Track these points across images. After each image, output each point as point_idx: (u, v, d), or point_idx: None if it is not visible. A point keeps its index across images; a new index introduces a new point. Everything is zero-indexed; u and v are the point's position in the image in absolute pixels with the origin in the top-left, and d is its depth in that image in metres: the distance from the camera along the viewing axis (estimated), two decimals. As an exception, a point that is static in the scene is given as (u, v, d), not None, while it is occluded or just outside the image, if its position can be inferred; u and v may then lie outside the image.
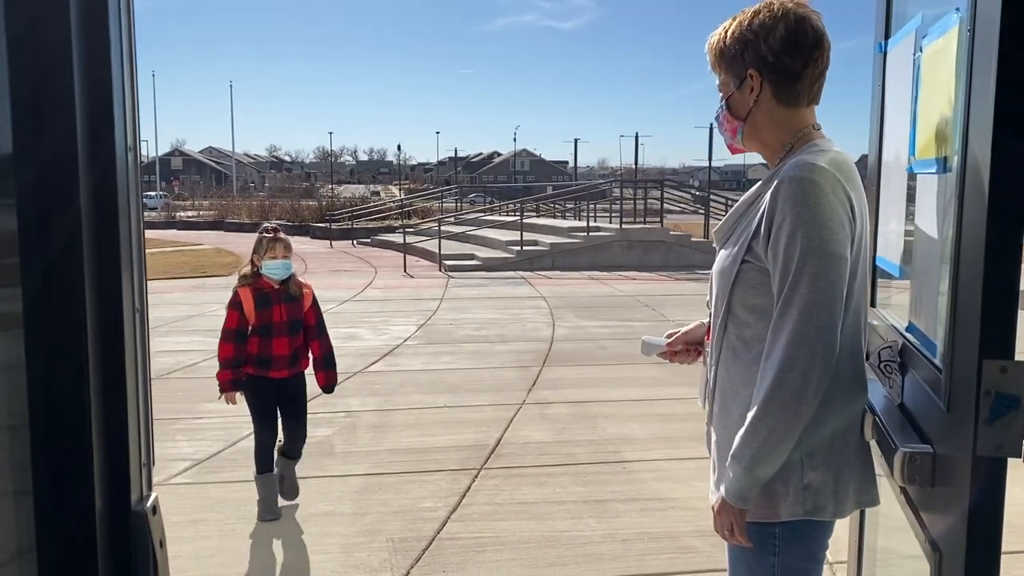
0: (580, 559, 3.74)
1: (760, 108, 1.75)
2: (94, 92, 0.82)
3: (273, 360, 4.17)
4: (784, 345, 1.57)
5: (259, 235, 4.17)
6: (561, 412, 6.26)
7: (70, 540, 0.85)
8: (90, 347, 0.82)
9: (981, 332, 1.21)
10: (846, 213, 1.61)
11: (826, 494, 1.68)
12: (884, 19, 2.04)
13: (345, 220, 28.08)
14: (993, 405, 1.21)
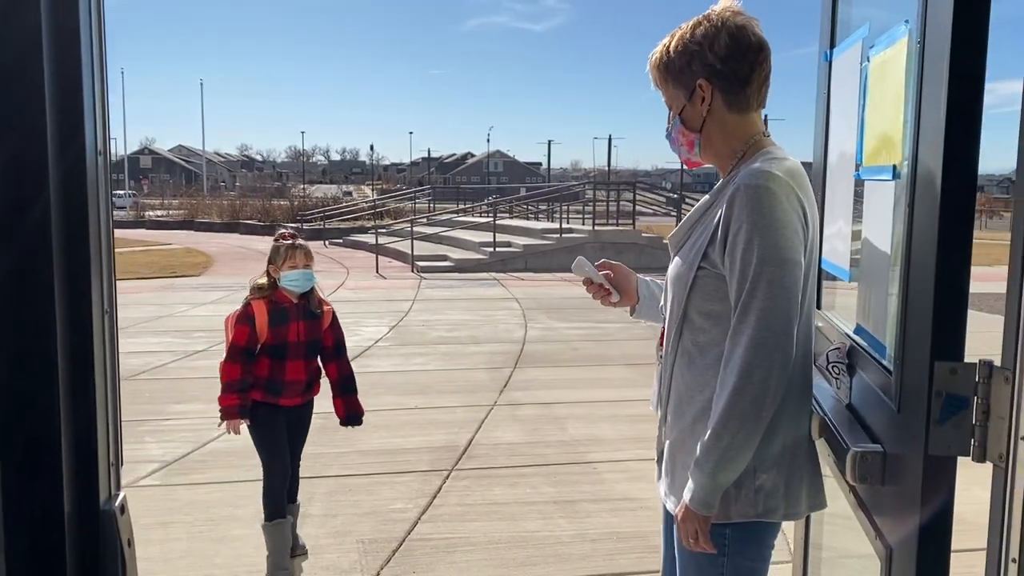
0: (550, 559, 3.77)
1: (713, 117, 1.77)
2: (64, 97, 0.83)
3: (286, 386, 3.55)
4: (743, 352, 1.59)
5: (275, 242, 3.59)
6: (532, 413, 6.29)
7: (39, 539, 0.86)
8: (59, 349, 0.83)
9: (932, 335, 1.25)
10: (800, 220, 1.64)
11: (777, 497, 1.71)
12: (830, 28, 2.10)
13: (317, 220, 27.91)
14: (944, 406, 1.25)
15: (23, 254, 0.81)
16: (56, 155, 0.82)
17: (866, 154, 1.72)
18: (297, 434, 3.70)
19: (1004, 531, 1.18)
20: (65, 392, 0.85)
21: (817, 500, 1.79)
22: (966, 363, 1.24)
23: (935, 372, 1.25)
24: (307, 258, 3.56)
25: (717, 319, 1.71)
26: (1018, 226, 1.15)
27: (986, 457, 1.23)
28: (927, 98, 1.30)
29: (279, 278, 3.51)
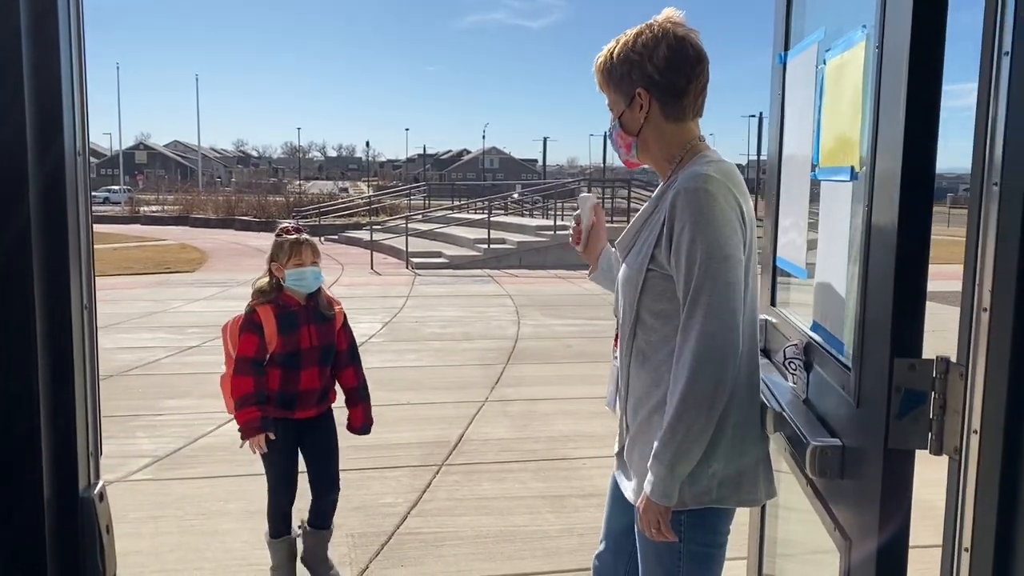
0: (538, 553, 3.81)
1: (650, 124, 1.85)
2: (43, 97, 0.86)
3: (299, 397, 3.25)
4: (693, 347, 1.67)
5: (278, 237, 3.25)
6: (523, 409, 6.33)
7: (19, 525, 0.89)
8: (39, 342, 0.87)
9: (892, 332, 1.29)
10: (737, 219, 1.72)
11: (730, 484, 1.79)
12: (784, 32, 2.14)
13: (313, 217, 27.91)
14: (903, 401, 1.29)
15: (3, 252, 0.84)
16: (36, 156, 0.85)
17: (823, 155, 1.76)
18: (320, 449, 3.39)
19: (957, 522, 1.22)
20: (45, 385, 0.88)
21: (769, 489, 1.87)
22: (924, 360, 1.28)
23: (895, 368, 1.29)
24: (314, 254, 3.23)
25: (667, 318, 1.78)
26: (971, 228, 1.19)
27: (942, 450, 1.27)
28: (885, 100, 1.34)
29: (283, 278, 3.20)
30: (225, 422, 5.89)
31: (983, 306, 1.17)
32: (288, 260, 3.19)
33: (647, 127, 1.86)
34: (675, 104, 1.83)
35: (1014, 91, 1.13)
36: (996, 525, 1.15)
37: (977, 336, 1.19)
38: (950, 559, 1.23)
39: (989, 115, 1.17)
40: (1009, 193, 1.13)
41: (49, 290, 0.87)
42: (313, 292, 3.27)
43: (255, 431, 3.12)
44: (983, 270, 1.17)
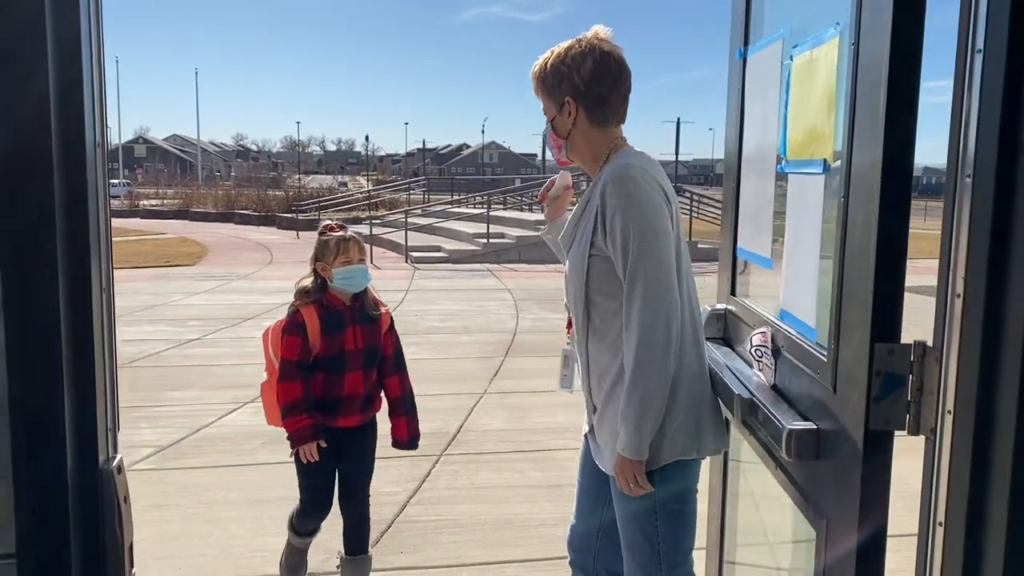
0: (534, 540, 3.88)
1: (577, 128, 2.09)
2: (65, 94, 0.92)
3: (343, 403, 3.07)
4: (638, 315, 1.90)
5: (322, 236, 3.09)
6: (521, 401, 6.40)
7: (46, 496, 0.95)
8: (63, 325, 0.92)
9: (872, 318, 1.35)
10: (661, 197, 1.96)
11: (691, 436, 2.00)
12: (743, 28, 2.20)
13: (312, 211, 27.94)
14: (883, 384, 1.35)
15: (30, 239, 0.90)
16: (59, 148, 0.91)
17: (790, 148, 1.82)
18: (357, 463, 3.21)
19: (932, 497, 1.28)
20: (68, 364, 0.94)
21: (723, 441, 2.12)
22: (903, 344, 1.34)
23: (875, 353, 1.35)
24: (361, 252, 3.09)
25: (613, 295, 1.99)
26: (946, 219, 1.25)
27: (919, 430, 1.33)
28: (863, 94, 1.39)
29: (331, 277, 3.04)
30: (226, 413, 5.96)
31: (956, 292, 1.23)
32: (335, 258, 3.03)
33: (575, 131, 2.09)
34: (598, 111, 2.06)
35: (986, 88, 1.19)
36: (968, 500, 1.21)
37: (951, 321, 1.25)
38: (926, 533, 1.29)
39: (963, 110, 1.23)
40: (980, 185, 1.19)
41: (71, 272, 0.93)
42: (359, 292, 3.12)
43: (307, 439, 2.97)
44: (956, 259, 1.23)
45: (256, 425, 5.73)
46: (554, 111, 2.11)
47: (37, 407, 0.93)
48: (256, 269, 15.84)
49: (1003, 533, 1.20)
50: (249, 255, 18.51)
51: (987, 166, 1.18)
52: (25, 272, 0.90)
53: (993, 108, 1.18)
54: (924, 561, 1.30)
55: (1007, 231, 1.17)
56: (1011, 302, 1.17)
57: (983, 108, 1.19)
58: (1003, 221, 1.17)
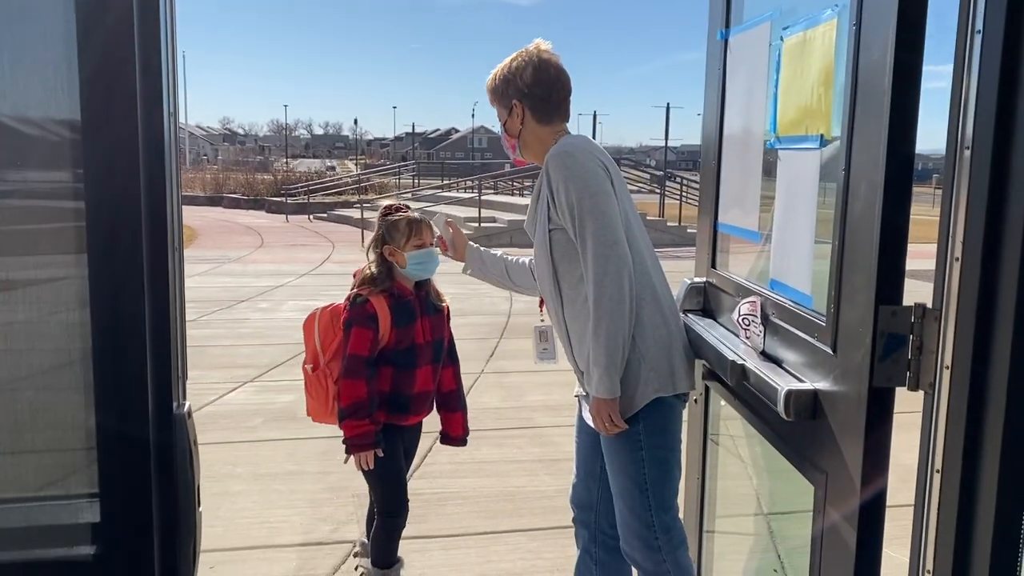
0: (536, 511, 3.99)
1: (526, 127, 2.37)
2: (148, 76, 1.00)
3: (413, 400, 2.87)
4: (592, 268, 2.12)
5: (387, 217, 2.85)
6: (518, 380, 6.50)
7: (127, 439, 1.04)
8: (145, 277, 1.01)
9: (877, 282, 1.44)
10: (598, 164, 2.19)
11: (664, 375, 2.18)
12: (724, 11, 2.30)
13: (301, 195, 27.89)
14: (886, 344, 1.44)
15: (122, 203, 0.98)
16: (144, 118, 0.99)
17: (781, 125, 1.91)
18: (409, 463, 3.07)
19: (930, 446, 1.38)
20: (149, 318, 1.02)
21: (691, 379, 2.30)
22: (904, 306, 1.44)
23: (879, 314, 1.44)
24: (432, 234, 2.85)
25: (575, 262, 2.21)
26: (946, 188, 1.35)
27: (919, 386, 1.43)
28: (865, 72, 1.48)
29: (401, 262, 2.81)
30: (226, 392, 6.04)
31: (955, 256, 1.32)
32: (407, 241, 2.80)
33: (524, 130, 2.37)
34: (543, 110, 2.34)
35: (984, 66, 1.28)
36: (963, 447, 1.32)
37: (950, 283, 1.34)
38: (924, 480, 1.40)
39: (963, 87, 1.32)
40: (978, 157, 1.29)
41: (152, 232, 1.01)
42: (422, 281, 2.92)
43: (367, 447, 2.75)
44: (955, 224, 1.33)
45: (256, 403, 5.82)
46: (505, 115, 2.39)
47: (122, 357, 1.01)
48: (247, 252, 15.86)
49: (995, 478, 1.30)
50: (240, 238, 18.51)
51: (984, 139, 1.28)
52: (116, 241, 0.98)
53: (991, 86, 1.27)
54: (922, 506, 1.41)
55: (1002, 200, 1.27)
56: (1005, 265, 1.27)
57: (981, 85, 1.28)
58: (998, 191, 1.27)
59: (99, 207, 0.98)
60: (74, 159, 0.99)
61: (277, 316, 9.14)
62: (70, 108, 0.97)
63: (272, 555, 3.54)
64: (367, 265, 2.87)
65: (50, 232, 1.03)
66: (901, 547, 1.50)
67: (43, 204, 1.06)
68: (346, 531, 3.75)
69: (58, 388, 1.04)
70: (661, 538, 2.27)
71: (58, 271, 1.03)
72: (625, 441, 2.22)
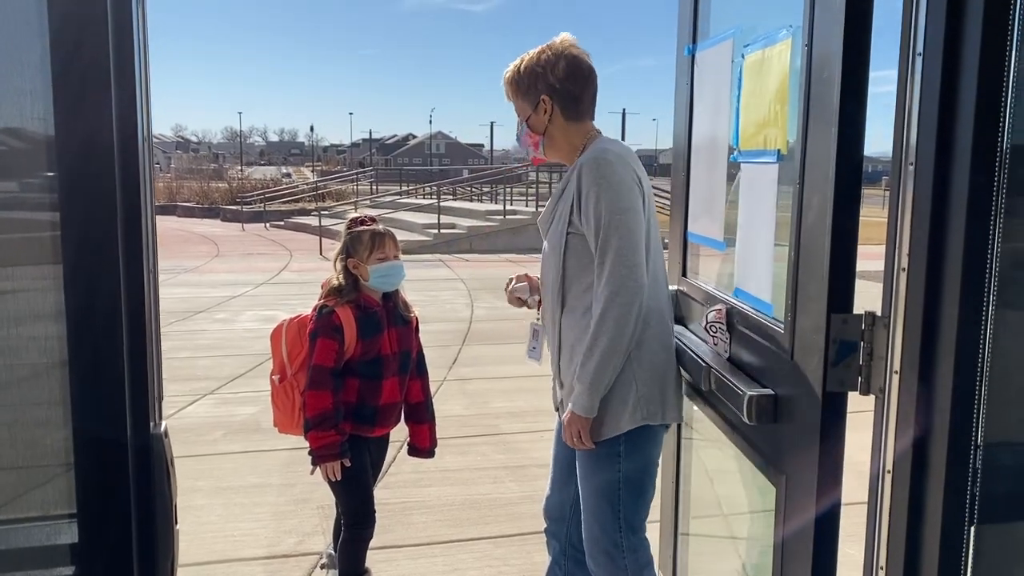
0: (502, 518, 4.02)
1: (553, 124, 2.27)
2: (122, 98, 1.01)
3: (380, 412, 2.86)
4: (605, 285, 2.06)
5: (352, 229, 2.85)
6: (481, 387, 6.52)
7: (106, 458, 1.05)
8: (123, 298, 1.02)
9: (828, 292, 1.51)
10: (633, 180, 2.12)
11: (655, 403, 2.15)
12: (691, 27, 2.38)
13: (257, 202, 27.58)
14: (838, 350, 1.51)
15: (94, 224, 1.00)
16: (119, 142, 1.00)
17: (743, 139, 1.99)
18: (375, 473, 3.06)
19: (882, 448, 1.45)
20: (127, 338, 1.04)
21: (679, 411, 2.26)
22: (855, 314, 1.51)
23: (831, 322, 1.51)
24: (396, 247, 2.86)
25: (586, 272, 2.16)
26: (892, 202, 1.42)
27: (870, 390, 1.50)
28: (816, 90, 1.55)
29: (365, 275, 2.81)
30: (185, 406, 5.96)
31: (902, 267, 1.39)
32: (370, 254, 2.80)
33: (551, 126, 2.28)
34: (573, 108, 2.25)
35: (926, 87, 1.35)
36: (912, 449, 1.38)
37: (897, 292, 1.41)
38: (876, 481, 1.46)
39: (906, 107, 1.39)
40: (921, 173, 1.36)
41: (128, 253, 1.03)
42: (389, 292, 2.91)
43: (333, 457, 2.75)
44: (901, 237, 1.40)
45: (216, 416, 5.75)
46: (529, 110, 2.29)
47: (100, 378, 1.03)
48: (203, 262, 15.64)
49: (942, 478, 1.37)
50: (195, 248, 18.23)
51: (927, 156, 1.35)
52: (89, 255, 1.00)
53: (932, 105, 1.34)
54: (875, 505, 1.47)
55: (944, 212, 1.34)
56: (948, 275, 1.34)
57: (923, 105, 1.35)
58: (940, 204, 1.34)
59: (75, 226, 0.99)
60: (48, 178, 1.00)
61: (236, 327, 9.04)
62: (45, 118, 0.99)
63: (237, 569, 3.52)
64: (334, 276, 2.87)
65: (25, 247, 1.04)
66: (858, 544, 1.57)
67: (16, 215, 1.07)
68: (312, 543, 3.74)
69: (35, 408, 1.05)
70: (628, 557, 2.26)
71: (34, 290, 1.04)
72: (603, 459, 2.20)
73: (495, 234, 18.41)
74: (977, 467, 1.36)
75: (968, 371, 1.34)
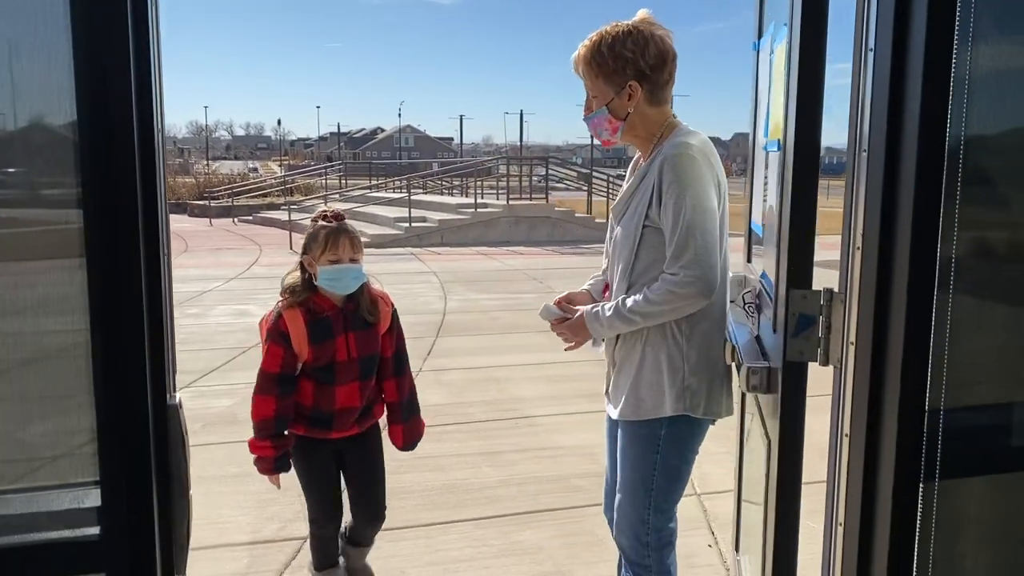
0: (480, 501, 4.12)
1: (637, 110, 2.20)
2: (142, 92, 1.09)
3: (336, 416, 2.76)
4: (678, 280, 2.06)
5: (314, 224, 2.71)
6: (456, 378, 6.61)
7: (126, 429, 1.13)
8: (144, 283, 1.10)
9: (788, 269, 1.63)
10: (712, 179, 2.12)
11: (700, 395, 2.17)
12: (758, 21, 2.49)
13: (225, 197, 27.35)
14: (797, 323, 1.63)
15: (116, 212, 1.08)
16: (139, 134, 1.08)
17: (770, 131, 2.12)
18: (362, 471, 2.95)
19: (839, 414, 1.57)
20: (147, 316, 1.12)
21: (728, 405, 2.25)
22: (814, 290, 1.63)
23: (791, 297, 1.63)
24: (354, 248, 2.66)
25: (656, 265, 2.17)
26: (848, 185, 1.53)
27: (828, 361, 1.62)
28: (790, 85, 1.67)
29: (315, 275, 2.65)
30: (162, 399, 5.98)
31: (856, 245, 1.51)
32: (321, 254, 2.62)
33: (635, 112, 2.20)
34: (659, 94, 2.20)
35: (877, 79, 1.47)
36: (867, 414, 1.50)
37: (852, 269, 1.53)
38: (835, 444, 1.58)
39: (859, 97, 1.50)
40: (873, 158, 1.47)
41: (147, 235, 1.11)
42: (354, 292, 2.73)
43: (267, 471, 2.71)
44: (856, 218, 1.51)
45: (193, 409, 5.78)
46: (611, 94, 2.20)
47: (122, 353, 1.11)
48: (173, 258, 15.49)
49: (894, 440, 1.49)
50: (163, 243, 18.05)
51: (878, 144, 1.46)
52: (113, 240, 1.08)
53: (882, 96, 1.46)
54: (834, 466, 1.60)
55: (894, 196, 1.45)
56: (898, 254, 1.46)
57: (875, 96, 1.47)
58: (890, 188, 1.46)
59: (98, 215, 1.07)
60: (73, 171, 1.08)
61: (209, 321, 9.03)
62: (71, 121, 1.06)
63: (222, 554, 3.58)
64: (291, 270, 2.76)
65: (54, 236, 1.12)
66: (820, 519, 1.68)
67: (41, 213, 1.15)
68: (294, 528, 3.81)
69: (64, 381, 1.13)
70: (652, 535, 2.31)
71: (62, 270, 1.12)
72: (643, 441, 2.24)
73: (466, 227, 18.47)
74: (926, 430, 1.49)
75: (917, 342, 1.45)
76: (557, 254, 16.23)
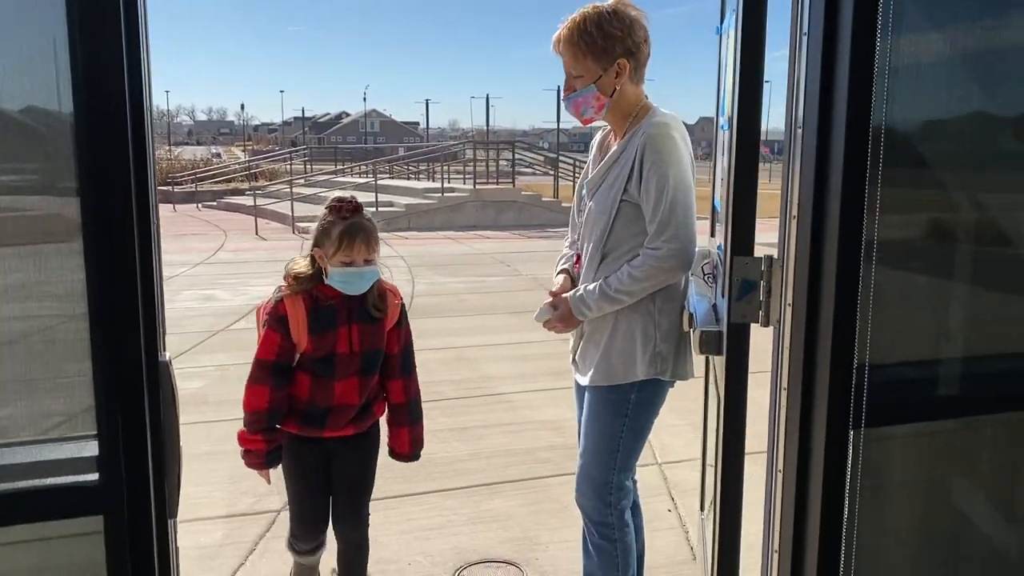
0: (450, 474, 4.25)
1: (623, 87, 2.29)
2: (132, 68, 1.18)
3: (331, 413, 2.60)
4: (660, 254, 2.20)
5: (326, 220, 2.50)
6: (426, 358, 6.65)
7: (125, 383, 1.23)
8: (137, 244, 1.20)
9: (732, 236, 1.76)
10: (689, 156, 2.27)
11: (668, 360, 2.33)
12: (721, 5, 2.60)
13: (188, 183, 27.05)
14: (740, 287, 1.77)
15: (112, 181, 1.17)
16: (132, 123, 1.18)
17: (725, 112, 2.25)
18: (349, 478, 2.74)
19: (778, 369, 1.71)
20: (141, 276, 1.22)
21: (691, 368, 2.41)
22: (756, 257, 1.76)
23: (734, 264, 1.76)
24: (369, 248, 2.47)
25: (630, 238, 2.30)
26: (786, 158, 1.67)
27: (768, 322, 1.76)
28: (736, 65, 1.79)
29: (326, 272, 2.49)
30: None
31: (792, 215, 1.65)
32: (334, 253, 2.45)
33: (621, 89, 2.29)
34: (640, 71, 2.32)
35: (810, 61, 1.60)
36: (802, 368, 1.64)
37: (789, 236, 1.67)
38: (774, 396, 1.73)
39: (795, 77, 1.63)
40: (807, 134, 1.61)
41: (139, 204, 1.21)
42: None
43: (257, 466, 2.58)
44: (792, 189, 1.65)
45: (164, 391, 5.82)
46: (599, 71, 2.26)
47: (119, 311, 1.20)
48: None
49: (826, 390, 1.63)
50: (127, 230, 17.86)
51: (811, 120, 1.59)
52: (108, 206, 1.17)
53: (815, 76, 1.59)
54: (773, 416, 1.74)
55: (825, 168, 1.59)
56: (828, 222, 1.60)
57: (808, 76, 1.60)
58: (822, 161, 1.59)
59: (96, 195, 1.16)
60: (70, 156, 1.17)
61: (176, 306, 9.02)
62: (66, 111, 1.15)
63: (198, 527, 3.67)
64: (299, 256, 2.59)
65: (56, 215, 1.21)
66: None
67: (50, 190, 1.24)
68: (268, 502, 3.91)
69: (66, 344, 1.23)
70: (614, 494, 2.43)
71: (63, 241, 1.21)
72: (613, 404, 2.36)
73: (433, 212, 18.52)
74: (854, 383, 1.63)
75: (846, 303, 1.60)
76: (524, 238, 16.36)
